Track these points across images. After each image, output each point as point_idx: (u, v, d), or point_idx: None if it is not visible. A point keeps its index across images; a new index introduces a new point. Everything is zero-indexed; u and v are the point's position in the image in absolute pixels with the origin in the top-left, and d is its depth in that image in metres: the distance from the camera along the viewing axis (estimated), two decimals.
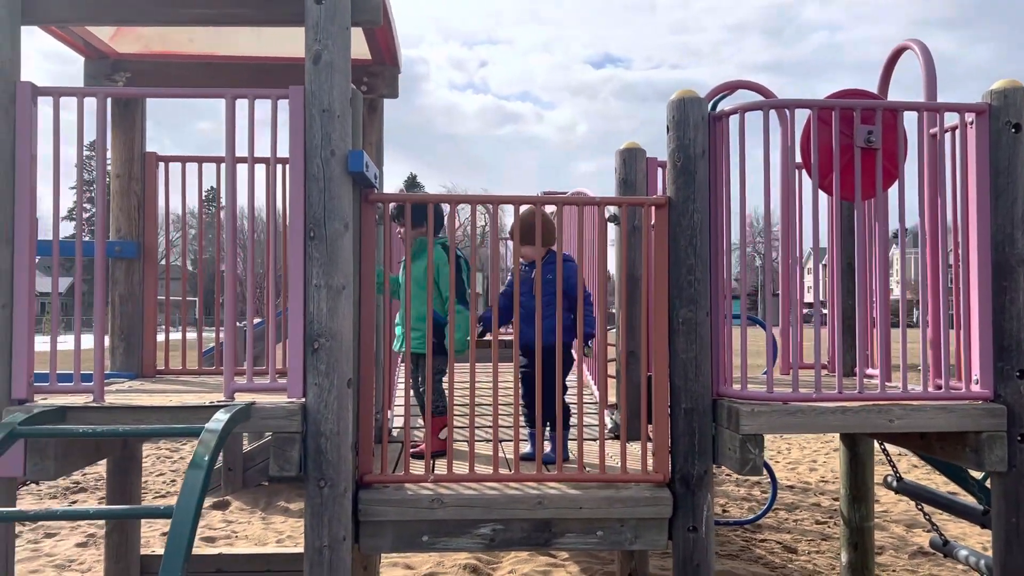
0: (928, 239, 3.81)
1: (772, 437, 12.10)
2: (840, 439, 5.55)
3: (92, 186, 3.67)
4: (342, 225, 3.39)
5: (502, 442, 4.44)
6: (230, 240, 3.65)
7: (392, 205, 4.44)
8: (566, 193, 7.97)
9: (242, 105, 3.47)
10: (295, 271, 3.40)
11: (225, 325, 3.56)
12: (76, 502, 8.38)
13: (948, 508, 5.25)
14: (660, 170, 4.80)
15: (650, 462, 3.75)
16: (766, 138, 3.62)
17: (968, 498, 5.26)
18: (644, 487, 3.68)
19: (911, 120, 3.76)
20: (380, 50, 4.77)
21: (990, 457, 3.55)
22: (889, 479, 5.58)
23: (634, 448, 4.05)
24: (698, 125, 3.66)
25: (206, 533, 7.11)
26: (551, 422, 4.10)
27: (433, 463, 3.82)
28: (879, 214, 4.17)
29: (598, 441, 3.82)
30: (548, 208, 4.57)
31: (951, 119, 3.84)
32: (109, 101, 4.01)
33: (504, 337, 5.64)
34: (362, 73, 4.87)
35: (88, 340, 3.47)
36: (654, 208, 3.80)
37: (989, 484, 4.21)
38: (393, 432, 4.96)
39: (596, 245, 4.70)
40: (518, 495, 3.59)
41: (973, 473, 4.92)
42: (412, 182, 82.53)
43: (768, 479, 6.63)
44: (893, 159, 3.75)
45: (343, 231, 3.39)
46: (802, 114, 3.73)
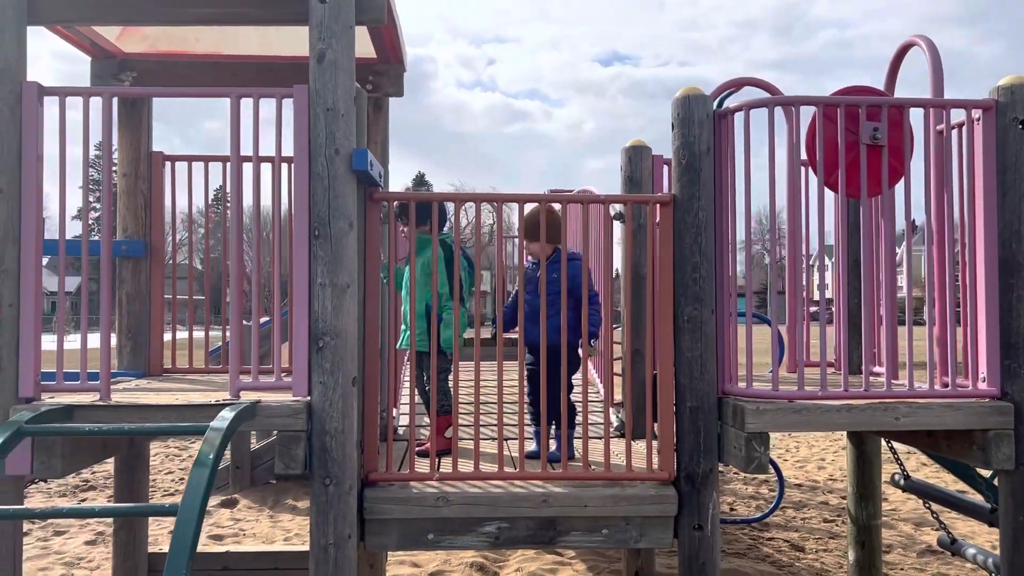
0: (935, 236, 3.79)
1: (780, 435, 12.07)
2: (847, 437, 5.53)
3: (99, 185, 3.68)
4: (346, 224, 3.39)
5: (507, 440, 4.44)
6: (236, 239, 3.66)
7: (395, 204, 4.44)
8: (572, 191, 7.96)
9: (247, 104, 3.48)
10: (300, 270, 3.41)
11: (231, 324, 3.57)
12: (85, 500, 8.42)
13: (956, 506, 5.22)
14: (666, 168, 4.79)
15: (655, 460, 3.75)
16: (771, 135, 3.61)
17: (976, 496, 5.24)
18: (649, 485, 3.67)
19: (917, 117, 3.75)
20: (385, 49, 4.77)
21: (997, 455, 3.54)
22: (896, 477, 5.56)
23: (639, 446, 4.04)
24: (703, 122, 3.66)
25: (214, 531, 7.13)
26: (556, 420, 4.09)
27: (438, 461, 3.82)
28: (885, 211, 4.15)
29: (603, 439, 3.81)
30: (554, 206, 4.56)
31: (958, 115, 3.82)
32: (115, 101, 4.03)
33: (510, 335, 5.63)
34: (367, 72, 4.88)
35: (95, 339, 3.48)
36: (659, 206, 3.80)
37: (997, 482, 4.19)
38: (399, 430, 4.97)
39: (602, 243, 4.69)
40: (523, 493, 3.59)
41: (981, 471, 4.90)
42: (420, 180, 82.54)
43: (776, 477, 6.62)
44: (899, 156, 3.74)
45: (347, 230, 3.40)
46: (808, 111, 3.71)
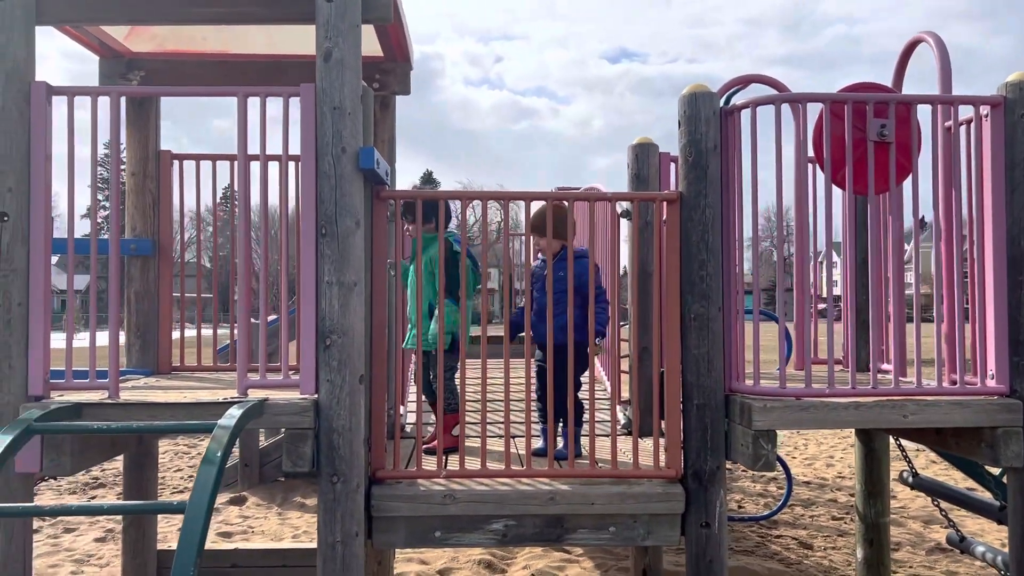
0: (943, 233, 3.78)
1: (789, 432, 12.05)
2: (855, 435, 5.52)
3: (108, 184, 3.71)
4: (353, 222, 3.40)
5: (514, 438, 4.45)
6: (243, 237, 3.67)
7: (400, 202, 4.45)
8: (579, 189, 7.95)
9: (254, 103, 3.49)
10: (307, 268, 3.42)
11: (239, 322, 3.58)
12: (95, 497, 8.47)
13: (964, 504, 5.21)
14: (673, 165, 4.78)
15: (662, 458, 3.75)
16: (778, 132, 3.59)
17: (985, 494, 5.22)
18: (656, 483, 3.67)
19: (925, 113, 3.73)
20: (392, 47, 4.78)
21: (1006, 452, 3.52)
22: (905, 475, 5.55)
23: (646, 444, 4.04)
24: (710, 120, 3.65)
25: (222, 528, 7.16)
26: (563, 418, 4.09)
27: (446, 459, 3.83)
28: (893, 208, 4.14)
29: (610, 437, 3.81)
30: (564, 203, 4.56)
31: (966, 112, 3.81)
32: (124, 100, 4.04)
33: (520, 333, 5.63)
34: (374, 70, 4.89)
35: (104, 337, 3.49)
36: (666, 203, 3.79)
37: (1006, 480, 4.18)
38: (405, 428, 4.98)
39: (608, 241, 4.69)
40: (530, 491, 3.59)
41: (990, 469, 4.89)
42: (428, 178, 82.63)
43: (784, 475, 6.61)
44: (907, 153, 3.72)
45: (355, 228, 3.40)
46: (815, 108, 3.70)
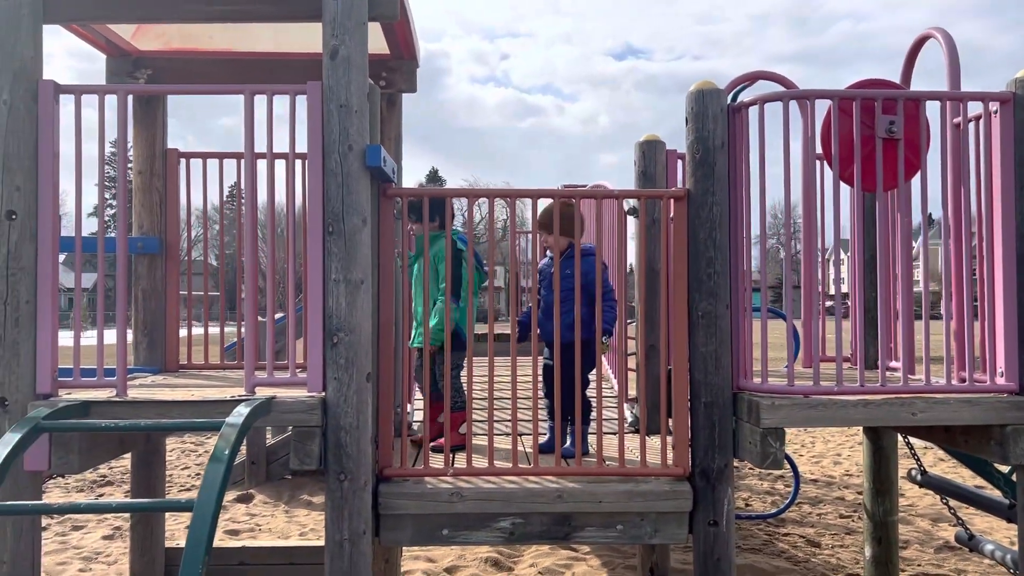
0: (952, 230, 3.76)
1: (796, 430, 12.03)
2: (863, 432, 5.50)
3: (115, 183, 3.71)
4: (360, 220, 3.40)
5: (521, 436, 4.44)
6: (251, 235, 3.67)
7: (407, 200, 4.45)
8: (586, 186, 7.94)
9: (261, 101, 3.49)
10: (314, 266, 3.42)
11: (246, 320, 3.58)
12: (103, 495, 8.49)
13: (973, 502, 5.19)
14: (680, 162, 4.77)
15: (670, 456, 3.74)
16: (786, 129, 3.58)
17: (994, 492, 5.20)
18: (664, 481, 3.66)
19: (934, 109, 3.71)
20: (398, 44, 4.77)
21: (1015, 450, 3.50)
22: (913, 473, 5.53)
23: (654, 442, 4.03)
24: (717, 117, 3.64)
25: (230, 526, 7.18)
26: (571, 416, 4.09)
27: (452, 457, 3.83)
28: (901, 205, 4.12)
29: (618, 435, 3.81)
30: (571, 201, 4.55)
31: (975, 108, 3.79)
32: (130, 98, 4.04)
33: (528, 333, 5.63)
34: (380, 68, 4.88)
35: (111, 335, 3.50)
36: (673, 201, 3.78)
37: (1015, 478, 4.16)
38: (413, 426, 4.98)
39: (616, 239, 4.68)
40: (537, 489, 3.58)
41: (999, 466, 4.86)
42: (434, 176, 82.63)
43: (791, 473, 6.59)
44: (915, 149, 3.70)
45: (361, 226, 3.40)
46: (823, 104, 3.69)
